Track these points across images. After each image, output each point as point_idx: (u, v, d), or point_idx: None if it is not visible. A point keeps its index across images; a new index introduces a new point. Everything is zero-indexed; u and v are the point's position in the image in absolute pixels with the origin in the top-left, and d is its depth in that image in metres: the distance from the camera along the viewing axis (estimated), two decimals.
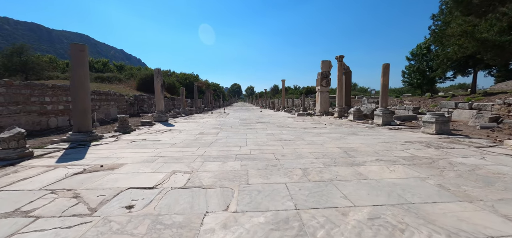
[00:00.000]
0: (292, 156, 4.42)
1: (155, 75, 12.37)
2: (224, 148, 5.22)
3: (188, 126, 10.30)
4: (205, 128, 9.31)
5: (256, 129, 8.83)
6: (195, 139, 6.66)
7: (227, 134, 7.53)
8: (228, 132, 8.18)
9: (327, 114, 16.01)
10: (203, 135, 7.37)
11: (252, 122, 11.74)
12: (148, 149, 5.19)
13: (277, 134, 7.53)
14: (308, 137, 6.69)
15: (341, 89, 13.72)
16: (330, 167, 3.66)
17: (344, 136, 6.80)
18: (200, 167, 3.73)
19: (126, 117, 8.58)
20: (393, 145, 5.34)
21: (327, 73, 16.38)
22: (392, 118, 9.31)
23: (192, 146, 5.51)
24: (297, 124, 10.52)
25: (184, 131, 8.42)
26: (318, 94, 16.68)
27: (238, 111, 23.79)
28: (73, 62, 6.33)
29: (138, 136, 7.39)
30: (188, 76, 45.86)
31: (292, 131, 8.25)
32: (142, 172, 3.54)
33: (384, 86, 9.39)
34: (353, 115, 11.55)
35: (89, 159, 4.42)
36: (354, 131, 7.86)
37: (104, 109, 12.10)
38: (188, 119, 14.16)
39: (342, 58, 13.53)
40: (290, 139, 6.45)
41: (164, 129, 9.21)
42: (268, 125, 10.24)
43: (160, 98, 12.41)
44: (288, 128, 9.02)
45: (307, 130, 8.46)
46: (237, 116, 16.41)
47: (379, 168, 3.58)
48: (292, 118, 14.20)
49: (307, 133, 7.64)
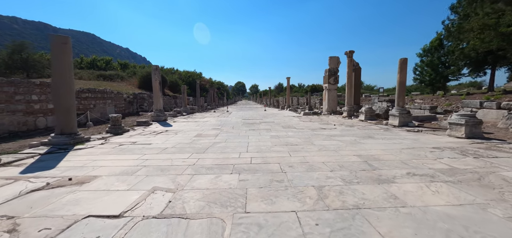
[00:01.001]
0: (301, 167, 3.64)
1: (153, 73, 11.72)
2: (221, 155, 4.47)
3: (187, 126, 9.61)
4: (204, 129, 8.60)
5: (259, 130, 8.07)
6: (191, 142, 5.93)
7: (227, 136, 6.79)
8: (228, 133, 7.44)
9: (335, 113, 15.13)
10: (200, 137, 6.64)
11: (255, 122, 10.98)
12: (133, 156, 4.48)
13: (283, 136, 6.75)
14: (318, 141, 5.89)
15: (350, 87, 12.82)
16: (351, 184, 2.87)
17: (359, 139, 5.97)
18: (188, 183, 2.99)
19: (119, 117, 7.93)
20: (421, 152, 4.51)
21: (335, 70, 15.47)
22: (410, 119, 8.42)
23: (184, 152, 4.78)
24: (304, 125, 9.71)
25: (181, 132, 7.72)
26: (325, 92, 15.79)
27: (241, 110, 23.07)
28: (54, 56, 5.67)
29: (130, 138, 6.72)
30: (191, 74, 45.30)
31: (299, 132, 7.45)
32: (114, 189, 2.82)
33: (401, 83, 8.49)
34: (364, 115, 10.67)
35: (61, 168, 3.74)
36: (369, 133, 7.02)
37: (100, 108, 11.52)
38: (188, 118, 13.49)
39: (352, 53, 12.62)
40: (297, 143, 5.66)
41: (160, 129, 8.53)
42: (272, 126, 9.46)
43: (158, 96, 11.76)
44: (294, 129, 8.23)
45: (316, 131, 7.65)
46: (239, 115, 15.68)
47: (416, 186, 2.78)
48: (297, 118, 13.39)
49: (316, 135, 6.83)
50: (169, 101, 23.06)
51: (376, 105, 11.95)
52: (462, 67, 21.44)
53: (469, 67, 21.35)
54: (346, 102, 12.92)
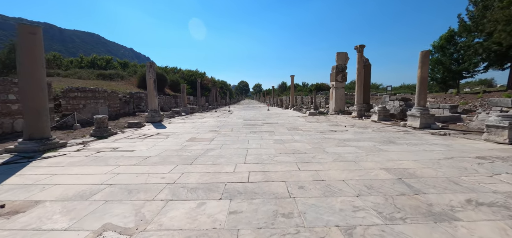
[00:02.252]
0: (316, 188, 2.72)
1: (147, 70, 10.90)
2: (212, 168, 3.57)
3: (182, 128, 8.75)
4: (200, 131, 7.73)
5: (261, 133, 7.16)
6: (180, 148, 5.06)
7: (224, 141, 5.90)
8: (226, 137, 6.55)
9: (343, 113, 14.12)
10: (192, 142, 5.77)
11: (258, 123, 10.07)
12: (103, 168, 3.62)
13: (288, 140, 5.83)
14: (330, 146, 4.95)
15: (361, 85, 11.80)
16: (394, 222, 1.94)
17: (379, 145, 5.01)
18: (156, 217, 2.10)
19: (104, 119, 7.12)
20: (465, 164, 3.54)
21: (343, 67, 14.45)
22: (432, 120, 7.40)
23: (168, 163, 3.90)
24: (310, 126, 8.76)
25: (173, 136, 6.86)
26: (332, 90, 14.78)
27: (243, 110, 22.18)
28: (21, 49, 4.85)
29: (113, 142, 5.89)
30: (194, 73, 44.61)
31: (306, 135, 6.52)
32: (47, 227, 1.96)
33: (423, 79, 7.47)
34: (377, 115, 9.66)
35: (4, 187, 2.90)
36: (388, 137, 6.04)
37: (91, 108, 10.76)
38: (186, 118, 12.65)
39: (362, 48, 11.59)
40: (306, 150, 4.73)
41: (151, 132, 7.69)
42: (275, 127, 8.54)
43: (153, 95, 10.94)
44: (300, 132, 7.29)
45: (325, 134, 6.71)
46: (241, 115, 14.79)
47: (493, 228, 1.83)
48: (303, 118, 12.43)
49: (327, 139, 5.89)
50: (168, 101, 22.32)
51: (390, 105, 10.92)
52: (479, 63, 20.15)
53: (485, 62, 20.05)
54: (356, 101, 11.91)
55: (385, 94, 16.35)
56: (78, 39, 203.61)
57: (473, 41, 18.82)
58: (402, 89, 49.75)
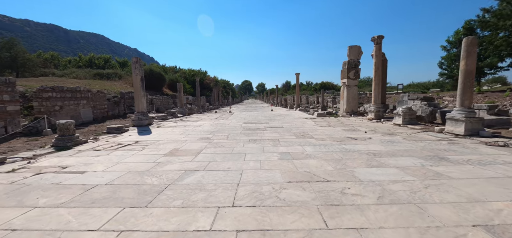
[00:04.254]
0: None
1: (133, 67, 9.55)
2: (176, 219, 2.14)
3: (170, 134, 7.36)
4: (189, 139, 6.32)
5: (263, 142, 5.71)
6: (149, 169, 3.64)
7: (213, 156, 4.47)
8: (217, 149, 5.12)
9: (356, 114, 12.56)
10: (171, 158, 4.35)
11: (259, 127, 8.62)
12: (4, 213, 2.22)
13: (298, 155, 4.36)
14: (360, 167, 3.47)
15: (379, 82, 10.24)
16: None
17: (430, 165, 3.51)
18: None
19: (70, 124, 5.76)
20: None
21: (355, 62, 12.86)
22: (480, 124, 5.83)
23: (113, 201, 2.48)
24: (322, 131, 7.27)
25: (152, 146, 5.46)
26: (343, 89, 13.22)
27: (245, 111, 20.73)
28: None
29: (70, 157, 4.52)
30: (196, 72, 43.33)
31: (321, 146, 5.04)
32: None
33: (468, 73, 5.91)
34: (402, 117, 8.11)
35: None
36: (430, 149, 4.52)
37: (70, 110, 9.46)
38: (179, 121, 11.27)
39: (381, 39, 10.01)
40: (327, 173, 3.26)
41: (128, 140, 6.32)
42: (280, 133, 7.08)
43: (140, 96, 9.59)
44: (312, 140, 5.81)
45: (345, 144, 5.22)
46: (241, 117, 13.35)
47: None
48: (311, 120, 10.93)
49: (351, 153, 4.40)
50: (166, 101, 21.04)
51: (417, 106, 9.32)
52: (504, 57, 18.26)
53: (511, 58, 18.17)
54: (373, 101, 10.36)
55: (402, 93, 14.69)
56: (83, 40, 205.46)
57: (497, 35, 17.04)
58: (411, 87, 47.55)
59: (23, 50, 22.82)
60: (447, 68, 23.07)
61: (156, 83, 24.35)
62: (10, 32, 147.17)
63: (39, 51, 33.44)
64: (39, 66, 24.16)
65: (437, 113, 8.48)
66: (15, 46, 21.33)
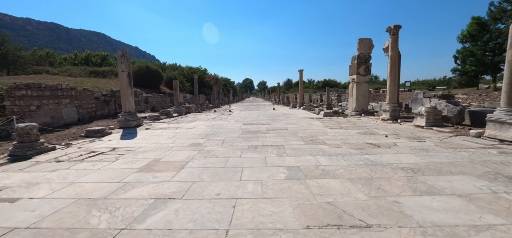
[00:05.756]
0: None
1: (119, 61, 8.52)
2: None
3: (157, 137, 6.35)
4: (176, 145, 5.29)
5: (265, 149, 4.67)
6: (104, 197, 2.62)
7: (200, 172, 3.43)
8: (206, 160, 4.08)
9: (366, 114, 11.47)
10: (144, 175, 3.32)
11: (260, 130, 7.57)
12: None
13: (312, 170, 3.32)
14: (404, 194, 2.42)
15: (395, 78, 9.13)
16: None
17: (502, 192, 2.45)
18: None
19: (31, 128, 4.77)
20: None
21: (366, 57, 11.74)
22: None
23: None
24: (334, 135, 6.20)
25: (129, 155, 4.45)
26: (352, 86, 12.11)
27: (245, 110, 19.67)
28: None
29: (18, 172, 3.53)
30: (195, 70, 42.27)
31: (338, 156, 3.98)
32: None
33: None
34: (425, 118, 7.02)
35: None
36: (483, 162, 3.45)
37: (49, 110, 8.47)
38: (173, 122, 10.26)
39: (398, 30, 8.88)
40: (361, 206, 2.21)
41: (105, 146, 5.31)
42: (286, 137, 6.03)
43: (127, 94, 8.57)
44: (325, 147, 4.76)
45: (369, 154, 4.16)
46: (241, 117, 12.31)
47: None
48: (318, 120, 9.86)
49: (381, 168, 3.35)
50: (162, 100, 20.06)
51: (442, 105, 8.14)
52: None
53: None
54: (388, 99, 9.26)
55: (417, 91, 13.53)
56: (84, 38, 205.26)
57: None
58: (416, 85, 46.14)
59: (15, 47, 21.90)
60: (461, 64, 21.79)
61: (153, 81, 23.34)
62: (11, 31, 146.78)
63: (34, 48, 32.54)
64: (32, 63, 23.25)
65: (465, 114, 7.38)
66: (6, 43, 20.40)
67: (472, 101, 16.52)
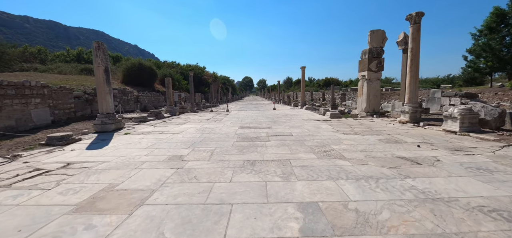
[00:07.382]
0: None
1: (94, 54, 7.28)
2: None
3: (129, 149, 5.13)
4: (150, 159, 4.07)
5: (266, 168, 3.45)
6: None
7: (166, 214, 2.21)
8: (182, 187, 2.87)
9: (378, 115, 10.24)
10: (77, 220, 2.10)
11: (260, 136, 6.36)
12: None
13: (339, 212, 2.11)
14: None
15: (415, 75, 7.89)
16: None
17: None
18: None
19: None
20: None
21: (379, 51, 10.50)
22: None
23: None
24: (351, 143, 4.97)
25: (78, 178, 3.23)
26: (363, 84, 10.87)
27: (244, 109, 18.43)
28: None
29: None
30: (193, 68, 40.97)
31: (369, 181, 2.77)
32: None
33: None
34: (458, 121, 5.80)
35: None
36: None
37: (14, 111, 7.25)
38: (158, 125, 9.03)
39: (420, 17, 7.60)
40: None
41: (58, 161, 4.09)
42: (291, 147, 4.80)
43: (104, 92, 7.35)
44: (345, 163, 3.54)
45: (408, 175, 2.94)
46: (239, 118, 11.09)
47: None
48: (325, 122, 8.63)
49: (446, 208, 2.13)
50: (156, 99, 18.83)
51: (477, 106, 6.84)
52: None
53: None
54: (408, 99, 8.02)
55: (433, 89, 12.29)
56: (83, 36, 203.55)
57: None
58: (420, 83, 44.82)
59: (1, 43, 20.62)
60: (473, 61, 20.45)
61: (146, 79, 22.07)
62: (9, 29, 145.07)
63: (25, 45, 31.24)
64: (19, 60, 22.03)
65: (506, 117, 6.15)
66: None
67: (490, 100, 15.28)
